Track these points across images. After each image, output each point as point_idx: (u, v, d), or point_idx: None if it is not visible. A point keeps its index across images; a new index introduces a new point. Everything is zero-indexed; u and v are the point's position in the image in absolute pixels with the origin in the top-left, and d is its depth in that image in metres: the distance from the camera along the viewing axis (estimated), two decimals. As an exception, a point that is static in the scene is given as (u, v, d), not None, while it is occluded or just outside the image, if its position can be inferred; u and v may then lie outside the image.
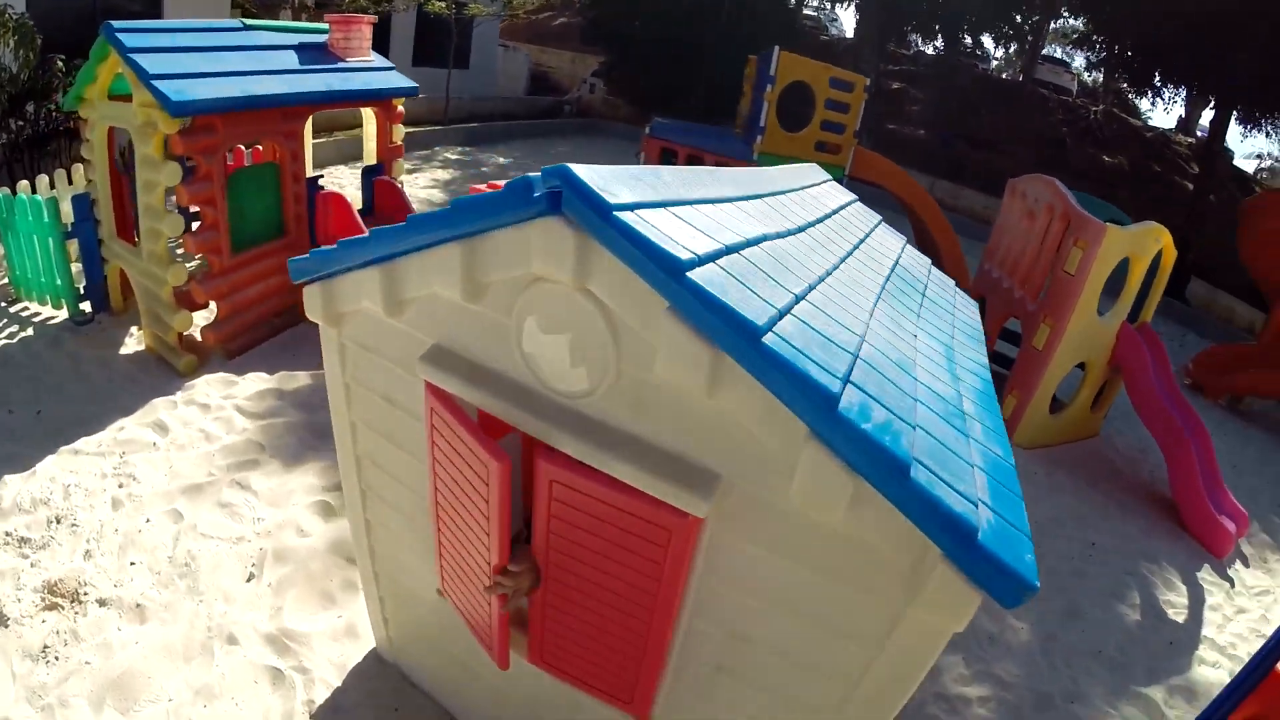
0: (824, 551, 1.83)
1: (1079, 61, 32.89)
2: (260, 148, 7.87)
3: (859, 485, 1.61)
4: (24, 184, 7.06)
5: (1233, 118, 20.74)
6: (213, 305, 6.26)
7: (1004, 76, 32.43)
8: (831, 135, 12.27)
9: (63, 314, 6.71)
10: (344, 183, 12.04)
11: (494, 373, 2.26)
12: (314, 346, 6.71)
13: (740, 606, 2.07)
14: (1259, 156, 33.20)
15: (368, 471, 3.04)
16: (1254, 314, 14.96)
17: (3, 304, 6.92)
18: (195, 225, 6.15)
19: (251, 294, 6.43)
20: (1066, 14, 25.39)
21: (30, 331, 6.43)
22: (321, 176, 7.23)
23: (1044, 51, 28.96)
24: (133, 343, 6.41)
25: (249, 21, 6.63)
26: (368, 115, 7.79)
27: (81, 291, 6.64)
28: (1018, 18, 23.71)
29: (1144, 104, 30.72)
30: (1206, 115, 29.16)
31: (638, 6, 21.09)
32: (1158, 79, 22.54)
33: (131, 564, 4.04)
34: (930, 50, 27.81)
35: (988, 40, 27.15)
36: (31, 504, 4.35)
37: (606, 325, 1.90)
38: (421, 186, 12.97)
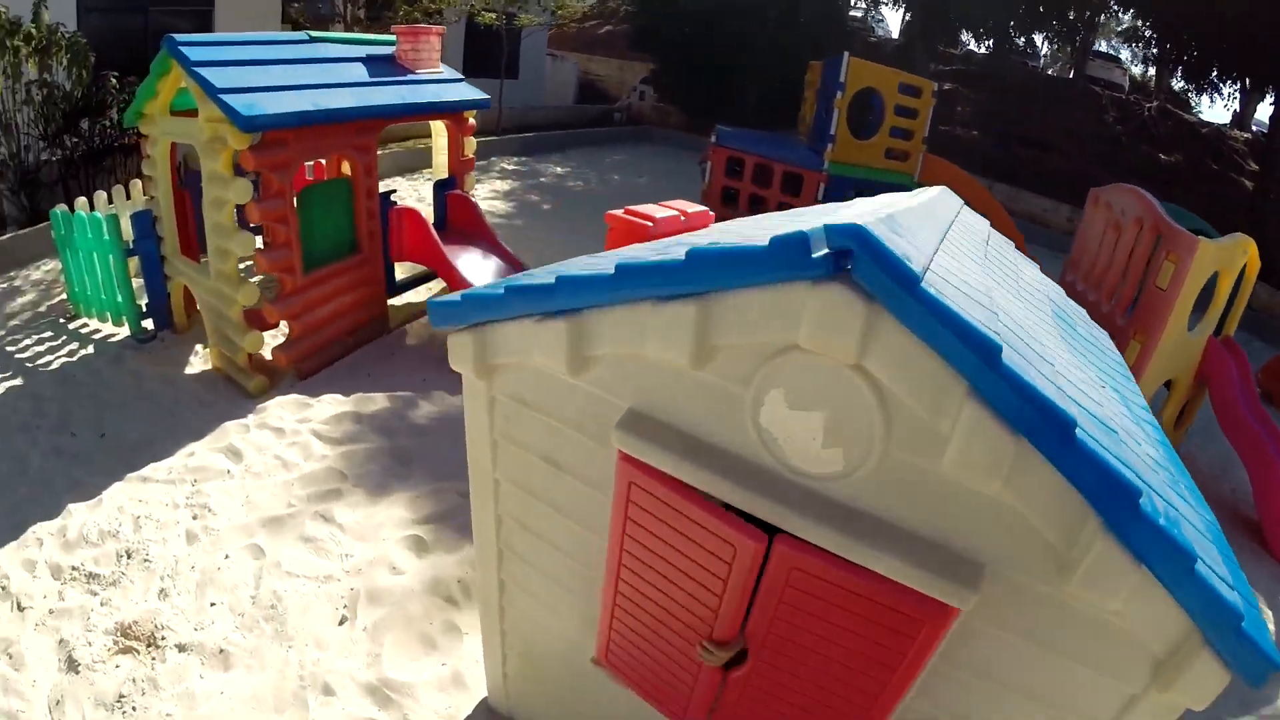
0: (1075, 637, 1.71)
1: (1125, 54, 32.30)
2: (323, 163, 7.66)
3: (1144, 577, 1.53)
4: (82, 200, 6.92)
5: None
6: (283, 325, 6.02)
7: (1050, 73, 31.80)
8: (900, 142, 12.21)
9: (123, 331, 6.56)
10: (403, 195, 11.82)
11: (713, 447, 1.99)
12: (388, 366, 6.56)
13: (968, 688, 1.92)
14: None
15: (509, 531, 2.78)
16: (1318, 317, 14.75)
17: (61, 320, 6.77)
18: (259, 241, 5.93)
19: (324, 313, 6.19)
20: (1117, 8, 24.84)
21: (90, 349, 6.27)
22: (394, 191, 6.99)
23: (1094, 47, 28.38)
24: (198, 362, 6.20)
25: (315, 34, 6.41)
26: (438, 128, 7.55)
27: (143, 309, 6.47)
28: (1070, 14, 23.15)
29: (1201, 99, 29.88)
30: (1262, 110, 28.52)
31: (685, 13, 20.80)
32: (1215, 73, 21.89)
33: (212, 605, 3.78)
34: (980, 49, 27.29)
35: (1038, 38, 26.61)
36: (99, 536, 4.12)
37: (879, 406, 1.67)
38: (482, 197, 12.74)
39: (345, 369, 6.33)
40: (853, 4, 27.31)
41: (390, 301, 7.19)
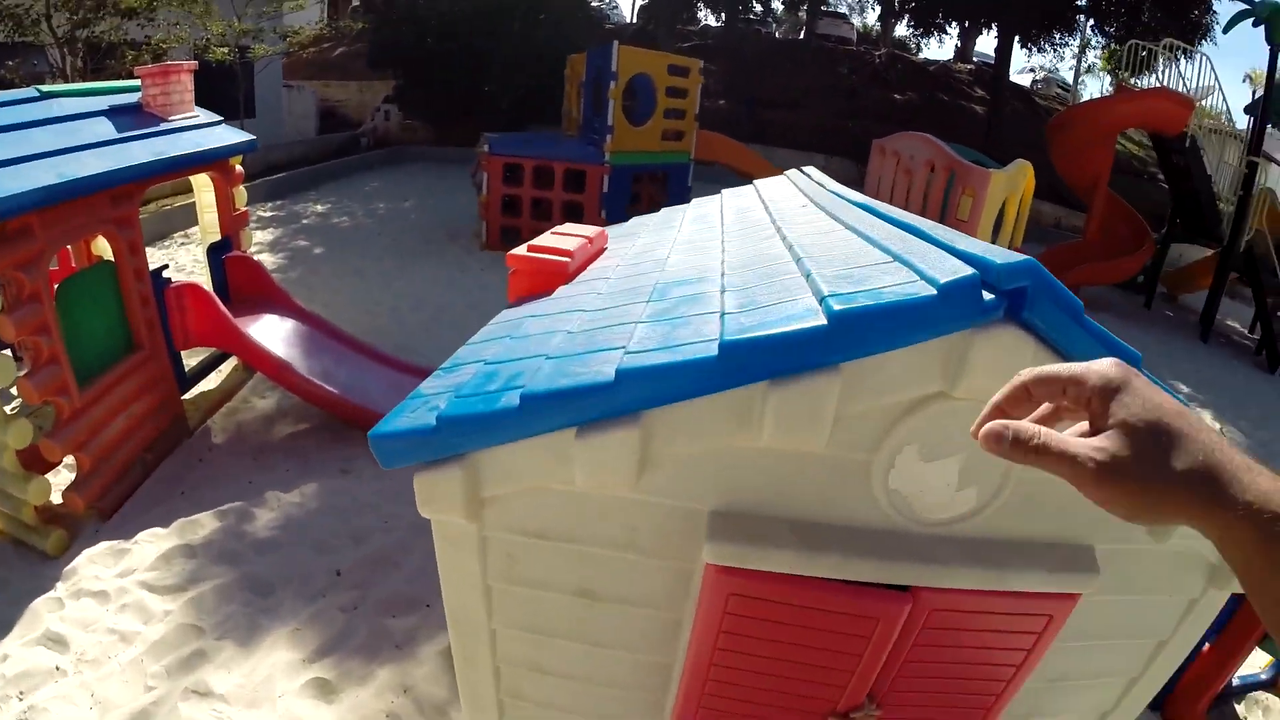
0: (1153, 575, 1.93)
1: (843, 8, 34.73)
2: (70, 250, 6.42)
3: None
4: None
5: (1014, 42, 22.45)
6: (69, 459, 4.89)
7: (777, 35, 33.58)
8: (675, 122, 12.47)
9: None
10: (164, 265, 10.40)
11: (832, 527, 1.77)
12: (202, 476, 5.46)
13: (1067, 651, 2.02)
14: (1032, 70, 35.85)
15: (514, 679, 2.23)
16: (1058, 211, 17.98)
17: None
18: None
19: (114, 433, 5.04)
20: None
21: None
22: (166, 267, 5.88)
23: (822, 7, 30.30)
24: (-32, 529, 4.91)
25: (46, 88, 5.23)
26: (201, 183, 6.43)
27: (-118, 476, 5.07)
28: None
29: (929, 42, 33.05)
30: (981, 43, 31.76)
31: (426, 23, 20.00)
32: (939, 16, 23.96)
33: None
34: (715, 22, 28.34)
35: (773, 4, 28.19)
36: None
37: None
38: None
39: (152, 493, 5.20)
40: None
41: (184, 398, 6.12)
